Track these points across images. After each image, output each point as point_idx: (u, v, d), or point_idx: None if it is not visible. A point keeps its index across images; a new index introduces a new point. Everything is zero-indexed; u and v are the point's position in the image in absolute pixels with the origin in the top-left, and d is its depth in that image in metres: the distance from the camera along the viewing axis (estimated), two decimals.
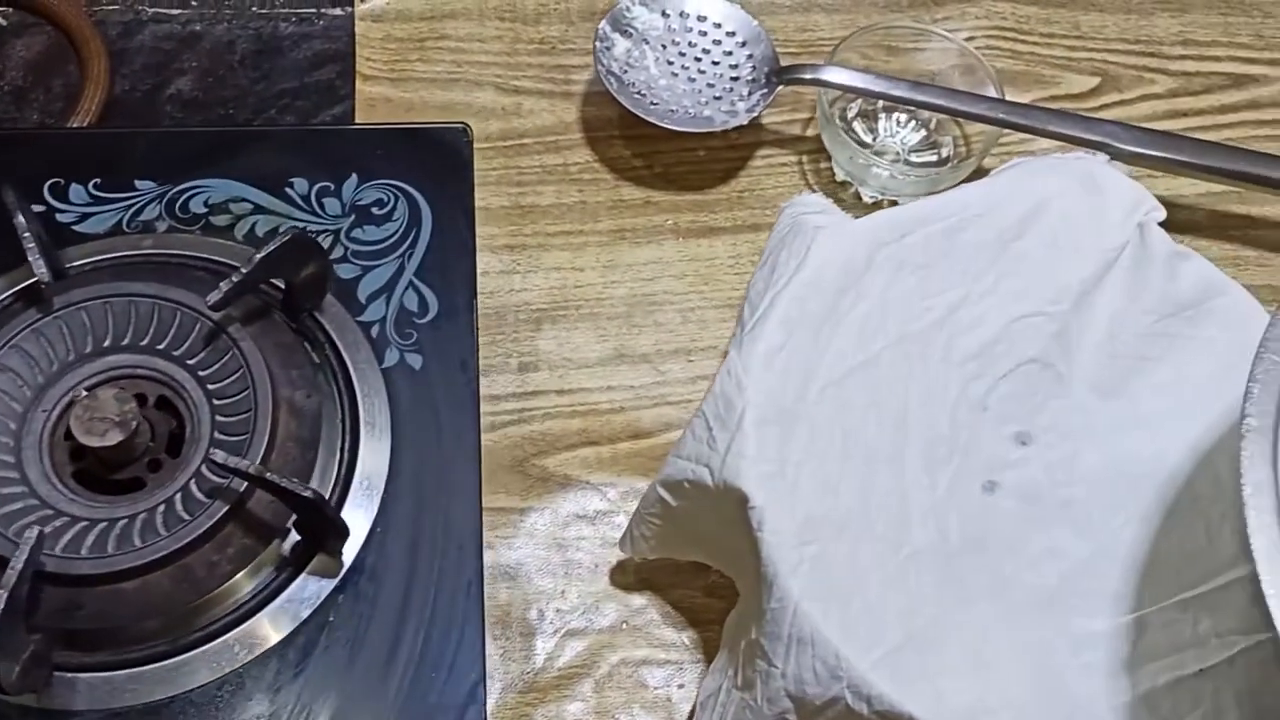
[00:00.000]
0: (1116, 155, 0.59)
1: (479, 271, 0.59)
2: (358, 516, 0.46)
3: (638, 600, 0.53)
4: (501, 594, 0.52)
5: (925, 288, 0.49)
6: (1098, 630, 0.43)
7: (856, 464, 0.46)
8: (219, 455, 0.42)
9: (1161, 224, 0.52)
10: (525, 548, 0.53)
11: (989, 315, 0.49)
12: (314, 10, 0.66)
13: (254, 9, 0.66)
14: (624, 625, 0.52)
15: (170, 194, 0.53)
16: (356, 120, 0.62)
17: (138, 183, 0.54)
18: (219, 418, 0.45)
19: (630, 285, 0.60)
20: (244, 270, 0.44)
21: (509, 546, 0.53)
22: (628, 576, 0.53)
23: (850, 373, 0.47)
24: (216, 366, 0.46)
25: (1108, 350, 0.49)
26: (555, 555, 0.53)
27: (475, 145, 0.63)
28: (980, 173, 0.58)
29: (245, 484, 0.43)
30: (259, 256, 0.44)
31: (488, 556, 0.53)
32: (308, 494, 0.41)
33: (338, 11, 0.66)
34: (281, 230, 0.49)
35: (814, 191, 0.62)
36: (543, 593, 0.52)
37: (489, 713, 0.46)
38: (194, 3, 0.66)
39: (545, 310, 0.59)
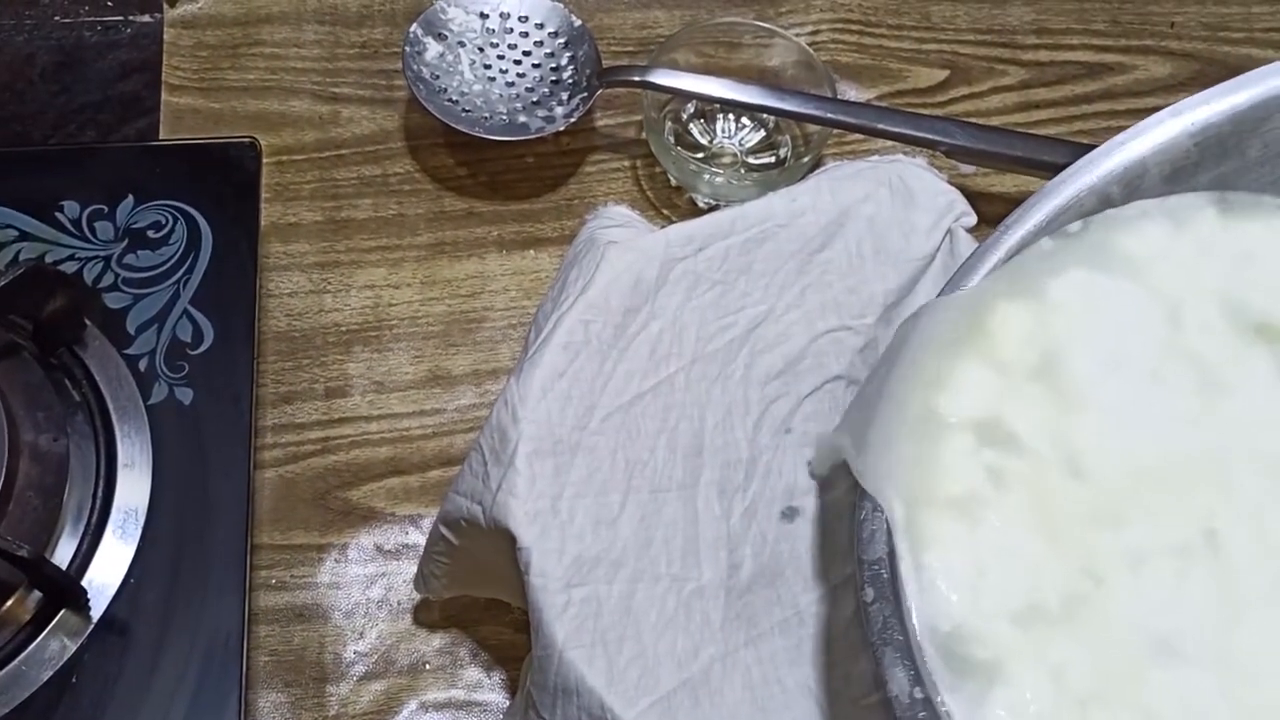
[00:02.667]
0: (950, 152, 0.56)
1: (287, 292, 0.57)
2: (112, 567, 0.43)
3: (441, 639, 0.50)
4: (295, 637, 0.49)
5: (724, 304, 0.47)
6: None
7: (641, 496, 0.43)
8: None
9: (973, 229, 0.49)
10: (322, 587, 0.50)
11: (793, 331, 0.47)
12: (121, 18, 0.63)
13: (57, 18, 0.63)
14: (425, 666, 0.49)
15: None
16: (162, 134, 0.59)
17: None
18: None
19: (449, 302, 0.57)
20: None
21: (304, 586, 0.50)
22: (432, 614, 0.50)
23: (639, 398, 0.44)
24: None
25: None
26: (355, 594, 0.50)
27: (290, 158, 0.60)
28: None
29: None
30: None
31: (281, 598, 0.50)
32: (23, 553, 0.38)
33: (146, 19, 0.63)
34: (38, 259, 0.46)
35: (646, 198, 0.60)
36: (340, 634, 0.50)
37: None
38: None
39: (357, 331, 0.56)
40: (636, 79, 0.58)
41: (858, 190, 0.48)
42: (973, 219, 0.49)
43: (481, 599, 0.50)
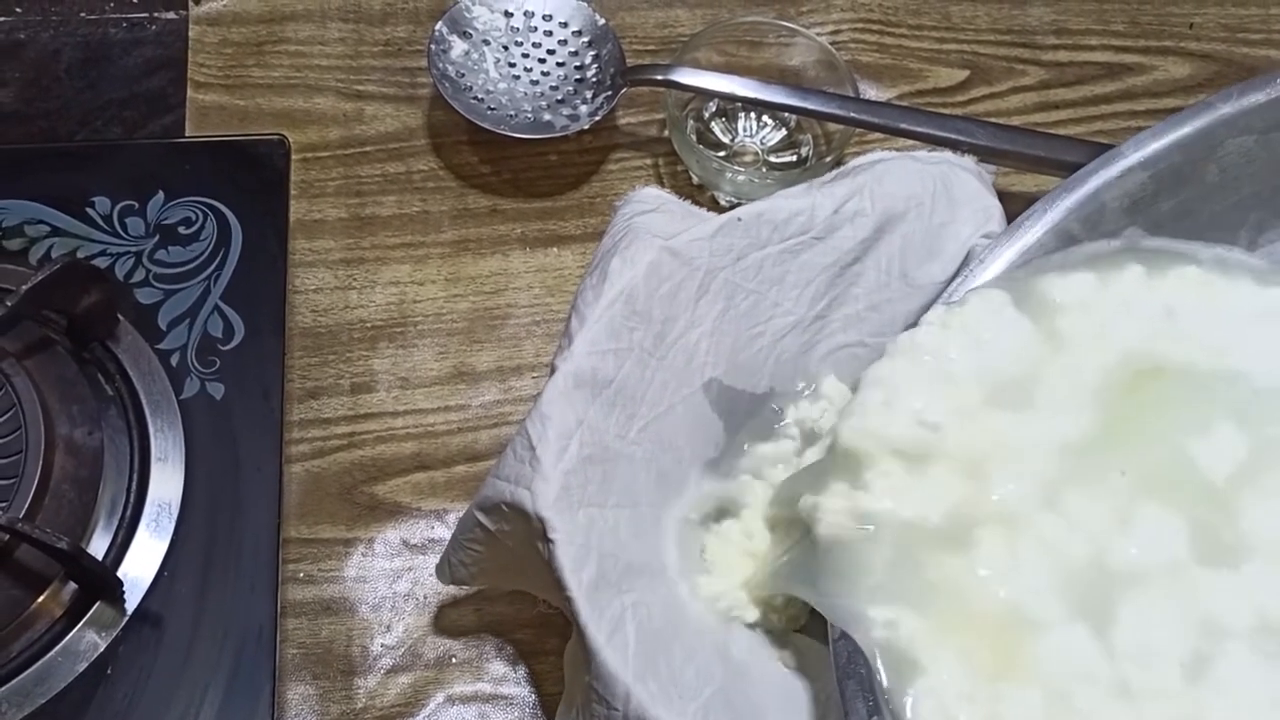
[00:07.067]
0: (971, 152, 0.56)
1: (312, 289, 0.57)
2: (145, 560, 0.44)
3: (468, 633, 0.50)
4: (323, 630, 0.50)
5: (755, 314, 0.47)
6: None
7: (671, 509, 0.44)
8: None
9: None
10: (349, 581, 0.51)
11: (816, 341, 0.47)
12: (146, 15, 0.63)
13: (83, 15, 0.63)
14: (451, 660, 0.50)
15: None
16: (187, 131, 0.59)
17: None
18: None
19: (473, 299, 0.57)
20: (9, 304, 0.41)
21: (332, 580, 0.51)
22: (458, 608, 0.51)
23: (671, 409, 0.45)
24: None
25: None
26: (382, 588, 0.51)
27: (314, 155, 0.60)
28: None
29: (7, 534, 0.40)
30: (25, 289, 0.42)
31: (309, 591, 0.50)
32: (63, 545, 0.39)
33: (171, 15, 0.63)
34: (70, 254, 0.47)
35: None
36: (367, 628, 0.50)
37: None
38: (18, 9, 0.63)
39: (382, 327, 0.56)
40: (660, 78, 0.58)
41: (901, 197, 0.48)
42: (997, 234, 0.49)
43: (507, 593, 0.50)
